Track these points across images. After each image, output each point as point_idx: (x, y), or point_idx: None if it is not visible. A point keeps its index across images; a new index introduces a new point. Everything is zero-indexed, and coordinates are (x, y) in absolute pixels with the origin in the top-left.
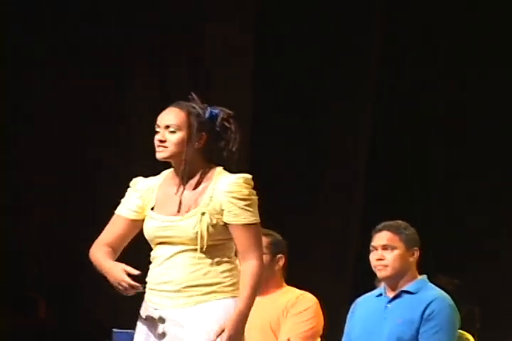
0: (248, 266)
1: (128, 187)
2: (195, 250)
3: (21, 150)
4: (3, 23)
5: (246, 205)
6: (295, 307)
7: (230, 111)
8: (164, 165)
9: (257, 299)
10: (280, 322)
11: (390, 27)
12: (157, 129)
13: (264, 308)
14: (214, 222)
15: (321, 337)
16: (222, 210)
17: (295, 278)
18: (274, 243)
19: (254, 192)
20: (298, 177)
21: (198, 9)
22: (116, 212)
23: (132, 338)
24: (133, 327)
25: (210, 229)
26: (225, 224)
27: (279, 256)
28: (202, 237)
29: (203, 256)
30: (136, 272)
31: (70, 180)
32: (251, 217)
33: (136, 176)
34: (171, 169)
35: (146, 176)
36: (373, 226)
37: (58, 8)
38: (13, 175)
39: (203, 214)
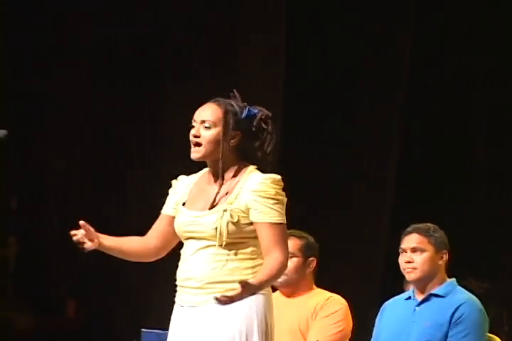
0: (270, 258)
1: (169, 187)
2: (217, 246)
3: (47, 149)
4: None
5: (272, 204)
6: (324, 310)
7: (268, 112)
8: (199, 165)
9: (287, 301)
10: (309, 325)
11: (422, 26)
12: (193, 124)
13: (294, 310)
14: (235, 219)
15: (350, 339)
16: (248, 209)
17: (324, 280)
18: (307, 246)
19: (283, 193)
20: (330, 178)
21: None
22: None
23: (160, 338)
24: (161, 327)
25: (231, 226)
26: (251, 223)
27: (310, 259)
28: (221, 233)
29: (225, 252)
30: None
31: (101, 179)
32: (276, 216)
33: (170, 176)
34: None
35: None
36: (403, 228)
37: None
38: (39, 175)
39: (225, 210)
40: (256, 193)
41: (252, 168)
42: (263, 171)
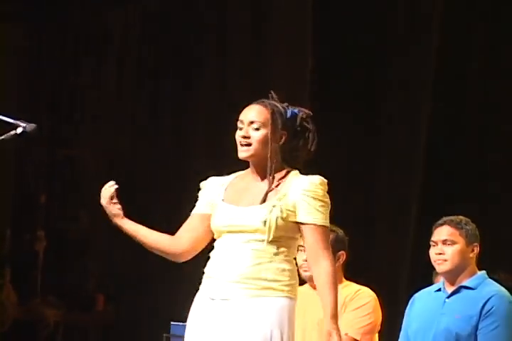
0: (321, 267)
1: (199, 189)
2: (261, 241)
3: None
4: None
5: (320, 206)
6: (353, 303)
7: (308, 112)
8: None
9: (315, 293)
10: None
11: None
12: (240, 125)
13: None
14: (284, 215)
15: (379, 332)
16: (295, 208)
17: (354, 272)
18: (337, 240)
19: (328, 196)
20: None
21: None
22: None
23: None
24: None
25: (279, 221)
26: (296, 223)
27: (340, 252)
28: (270, 227)
29: (268, 250)
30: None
31: (134, 179)
32: (322, 219)
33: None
34: (243, 171)
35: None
36: (432, 222)
37: None
38: (68, 171)
39: (274, 206)
40: (306, 193)
41: (295, 171)
42: (301, 172)
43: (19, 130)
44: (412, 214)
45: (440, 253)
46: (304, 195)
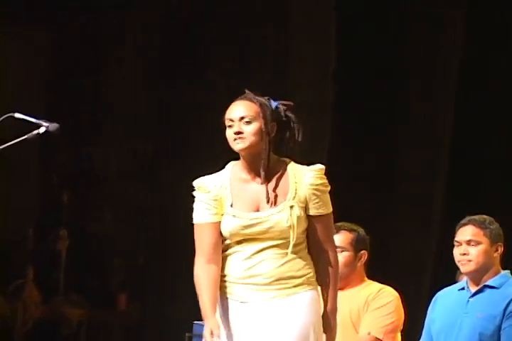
0: (328, 259)
1: (192, 190)
2: (283, 244)
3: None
4: None
5: (328, 195)
6: (376, 302)
7: (289, 102)
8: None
9: (338, 293)
10: (360, 316)
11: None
12: (229, 124)
13: (345, 302)
14: (302, 214)
15: (402, 331)
16: (307, 203)
17: (376, 271)
18: (358, 239)
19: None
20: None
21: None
22: (198, 221)
23: None
24: None
25: (299, 221)
26: (307, 216)
27: (361, 252)
28: (293, 230)
29: (290, 249)
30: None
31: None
32: (330, 207)
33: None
34: (233, 162)
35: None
36: (455, 221)
37: None
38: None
39: (291, 207)
40: (315, 186)
41: (289, 160)
42: (296, 162)
43: (42, 129)
44: (436, 212)
45: (464, 254)
46: (313, 188)
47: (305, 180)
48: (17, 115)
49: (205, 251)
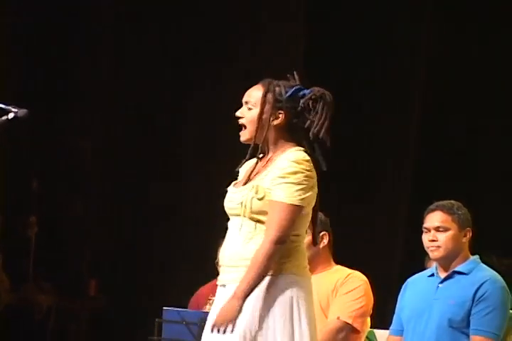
0: (257, 249)
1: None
2: (248, 224)
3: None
4: None
5: (285, 183)
6: (344, 286)
7: (320, 93)
8: None
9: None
10: (330, 301)
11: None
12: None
13: (314, 287)
14: (261, 195)
15: (371, 316)
16: (270, 188)
17: (345, 256)
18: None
19: (307, 173)
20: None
21: None
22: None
23: (181, 316)
24: (182, 305)
25: (255, 202)
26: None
27: (322, 233)
28: (245, 208)
29: (255, 231)
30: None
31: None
32: (286, 196)
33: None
34: None
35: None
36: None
37: None
38: (61, 156)
39: (253, 187)
40: (276, 170)
41: (294, 148)
42: (309, 153)
43: (11, 115)
44: (403, 198)
45: (433, 240)
46: (276, 172)
47: (277, 164)
48: None
49: None
